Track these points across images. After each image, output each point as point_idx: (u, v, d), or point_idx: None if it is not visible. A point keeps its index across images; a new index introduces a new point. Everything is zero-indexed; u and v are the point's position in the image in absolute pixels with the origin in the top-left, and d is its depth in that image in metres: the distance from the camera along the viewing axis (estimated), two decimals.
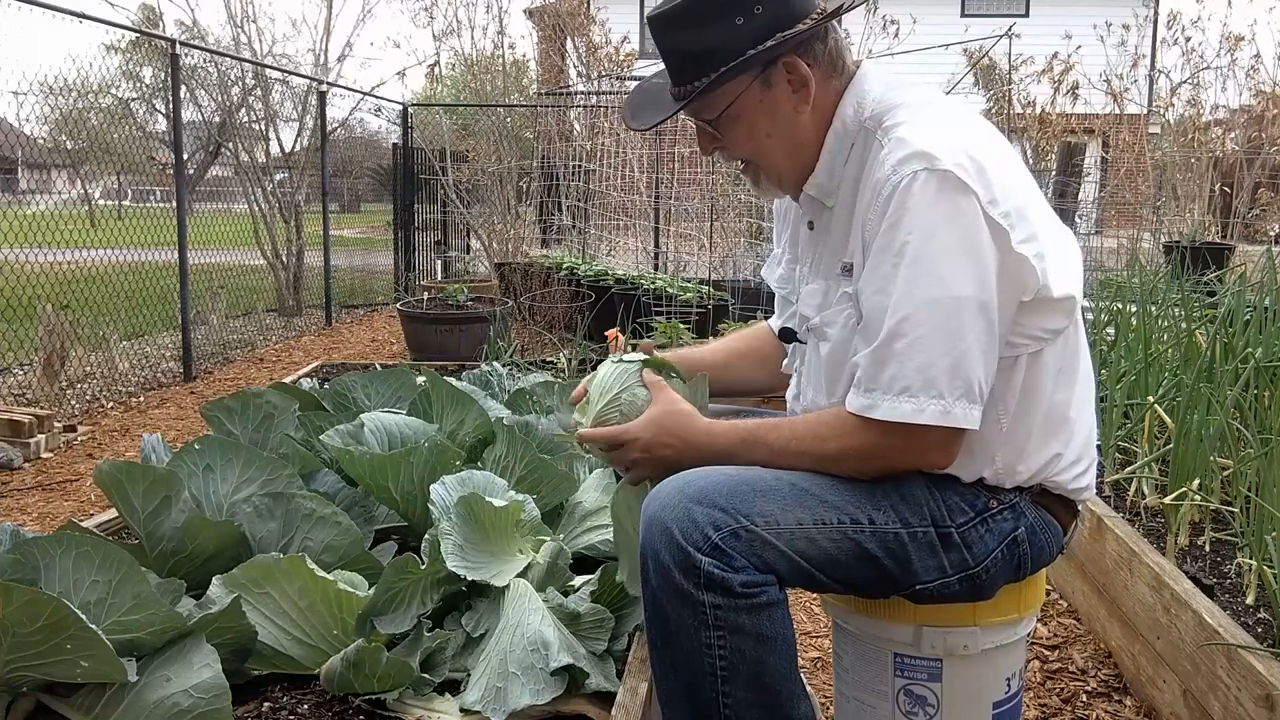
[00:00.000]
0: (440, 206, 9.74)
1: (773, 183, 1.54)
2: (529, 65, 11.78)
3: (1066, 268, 1.40)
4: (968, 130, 1.40)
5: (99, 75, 8.51)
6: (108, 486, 2.05)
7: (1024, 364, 1.40)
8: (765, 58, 1.41)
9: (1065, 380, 1.44)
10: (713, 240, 7.55)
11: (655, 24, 1.46)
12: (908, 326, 1.30)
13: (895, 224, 1.32)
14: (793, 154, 1.49)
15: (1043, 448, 1.43)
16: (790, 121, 1.46)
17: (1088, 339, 1.53)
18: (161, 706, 1.62)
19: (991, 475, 1.42)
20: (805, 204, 1.56)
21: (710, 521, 1.31)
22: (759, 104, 1.45)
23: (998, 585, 1.45)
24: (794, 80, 1.44)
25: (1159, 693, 2.11)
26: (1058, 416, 1.43)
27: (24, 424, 4.28)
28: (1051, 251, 1.37)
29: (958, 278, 1.29)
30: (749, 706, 1.35)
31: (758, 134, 1.48)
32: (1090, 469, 1.50)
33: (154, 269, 6.67)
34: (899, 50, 8.14)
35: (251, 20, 9.08)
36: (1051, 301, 1.37)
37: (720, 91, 1.44)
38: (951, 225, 1.30)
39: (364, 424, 2.53)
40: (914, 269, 1.30)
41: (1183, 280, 4.39)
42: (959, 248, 1.30)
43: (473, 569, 1.94)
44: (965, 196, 1.30)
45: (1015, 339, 1.38)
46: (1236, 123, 10.44)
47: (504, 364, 4.32)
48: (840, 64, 1.48)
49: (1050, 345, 1.41)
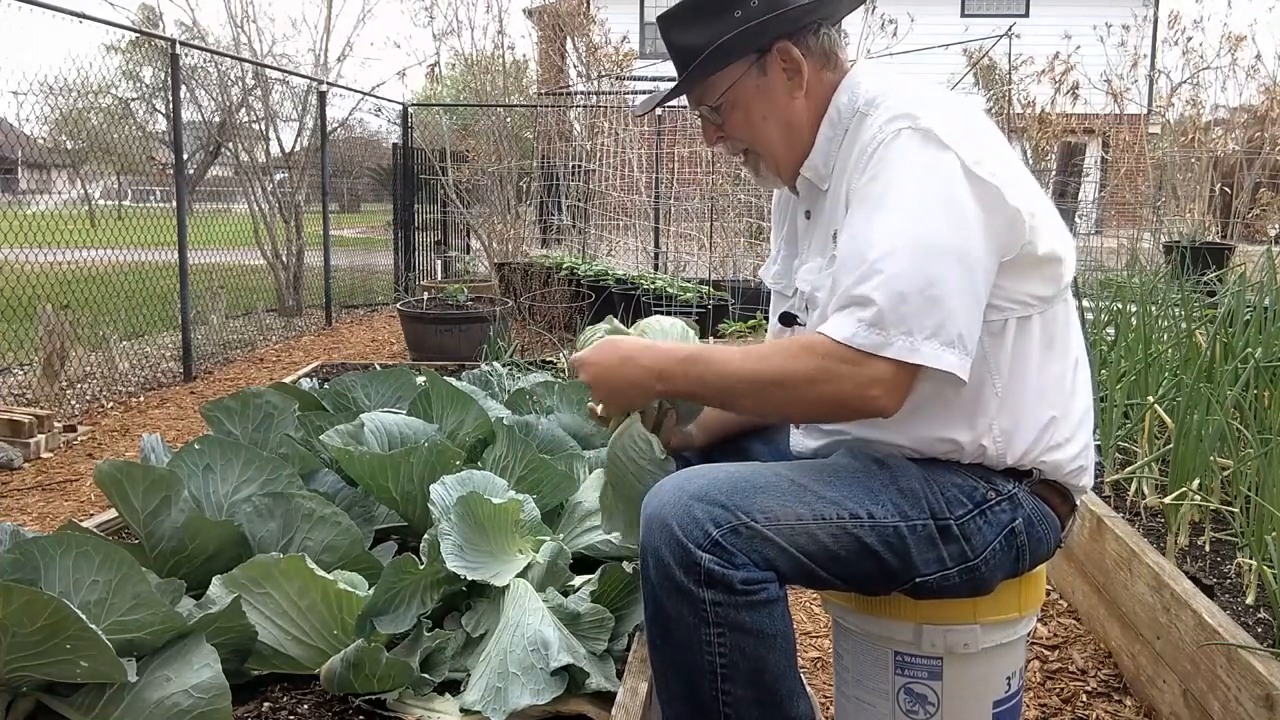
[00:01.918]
0: (440, 206, 9.74)
1: (771, 170, 1.59)
2: (529, 65, 11.79)
3: (1056, 230, 1.43)
4: (958, 107, 1.44)
5: (99, 75, 8.50)
6: (108, 486, 2.05)
7: (1012, 329, 1.42)
8: (757, 42, 1.48)
9: (1056, 355, 1.45)
10: (713, 240, 7.55)
11: (662, 23, 1.54)
12: (883, 264, 1.30)
13: (875, 176, 1.36)
14: (788, 139, 1.54)
15: (1036, 416, 1.44)
16: (786, 108, 1.52)
17: (1087, 339, 1.53)
18: (161, 706, 1.62)
19: (991, 445, 1.43)
20: (802, 189, 1.61)
21: (710, 518, 1.31)
22: (755, 89, 1.52)
23: (997, 578, 1.45)
24: (788, 67, 1.51)
25: (1159, 693, 2.11)
26: (1051, 388, 1.45)
27: (24, 424, 4.28)
28: (1043, 212, 1.40)
29: (936, 224, 1.31)
30: (748, 704, 1.35)
31: (754, 118, 1.54)
32: (1085, 454, 1.50)
33: (154, 269, 6.66)
34: (898, 50, 8.14)
35: (251, 20, 9.08)
36: (1037, 260, 1.39)
37: (718, 77, 1.52)
38: (931, 175, 1.33)
39: (364, 424, 2.53)
40: (892, 214, 1.32)
41: (1183, 280, 4.39)
42: (938, 197, 1.32)
43: (472, 569, 1.94)
44: (945, 152, 1.33)
45: (1002, 302, 1.40)
46: (1237, 123, 10.44)
47: (504, 364, 4.32)
48: (834, 59, 1.54)
49: (1039, 314, 1.43)
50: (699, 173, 8.07)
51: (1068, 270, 1.46)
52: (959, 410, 1.42)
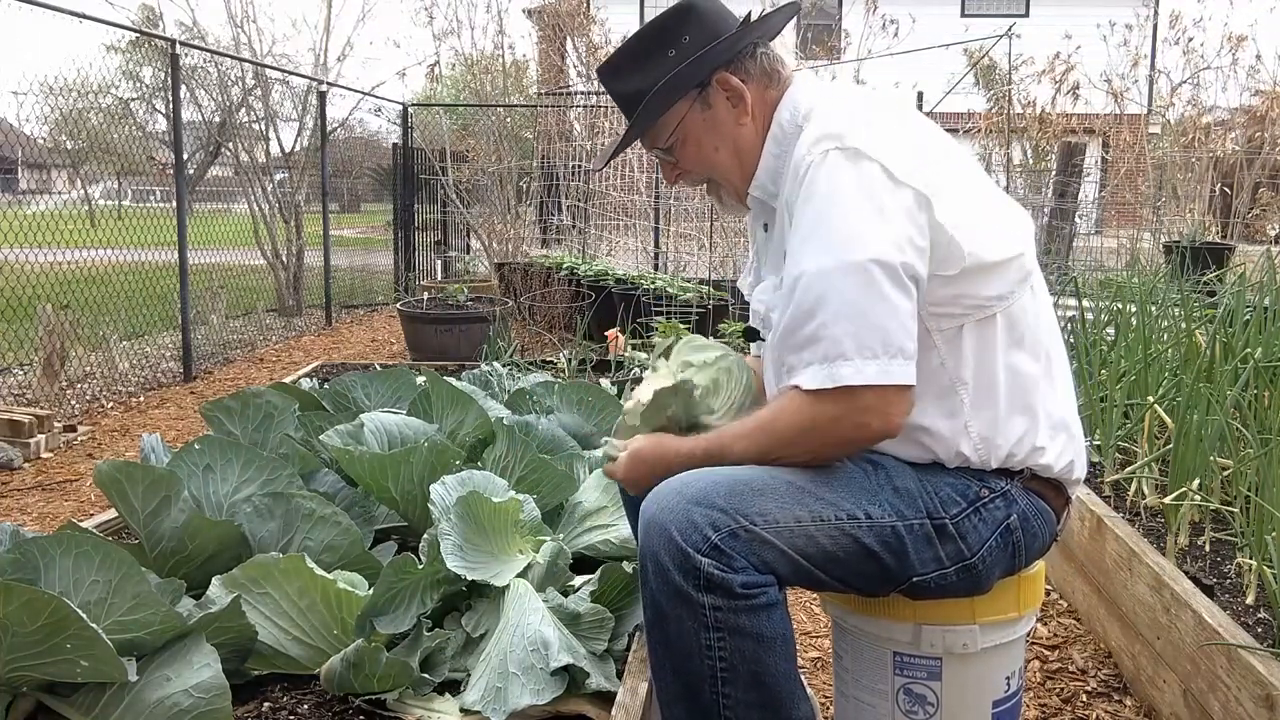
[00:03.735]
0: (440, 206, 9.74)
1: (731, 196, 1.63)
2: (529, 65, 11.78)
3: (1001, 233, 1.43)
4: (882, 113, 1.46)
5: (99, 75, 8.50)
6: (107, 486, 2.05)
7: (970, 332, 1.42)
8: (696, 78, 1.51)
9: (1026, 352, 1.45)
10: (713, 240, 7.55)
11: (602, 76, 1.60)
12: (815, 293, 1.33)
13: (807, 198, 1.39)
14: (741, 164, 1.57)
15: (1015, 419, 1.44)
16: (734, 134, 1.55)
17: (1085, 338, 1.53)
18: (161, 706, 1.62)
19: (972, 452, 1.43)
20: (754, 207, 1.63)
21: (709, 522, 1.32)
22: (702, 122, 1.56)
23: (994, 575, 1.46)
24: (731, 95, 1.54)
25: (1159, 693, 2.11)
26: (1025, 385, 1.44)
27: (24, 424, 4.28)
28: (978, 221, 1.40)
29: (866, 240, 1.32)
30: (749, 707, 1.35)
31: (706, 150, 1.57)
32: (1072, 448, 1.50)
33: (154, 269, 6.66)
34: (899, 50, 8.15)
35: (251, 20, 9.09)
36: (987, 268, 1.39)
37: (665, 119, 1.55)
38: (858, 192, 1.35)
39: (364, 424, 2.53)
40: (825, 238, 1.34)
41: (1182, 280, 4.39)
42: (866, 213, 1.33)
43: (472, 569, 1.94)
44: (871, 165, 1.35)
45: (952, 309, 1.40)
46: (1236, 123, 10.44)
47: (504, 364, 4.32)
48: (775, 76, 1.56)
49: (1000, 312, 1.42)
50: None
51: (1025, 262, 1.45)
52: (932, 407, 1.42)
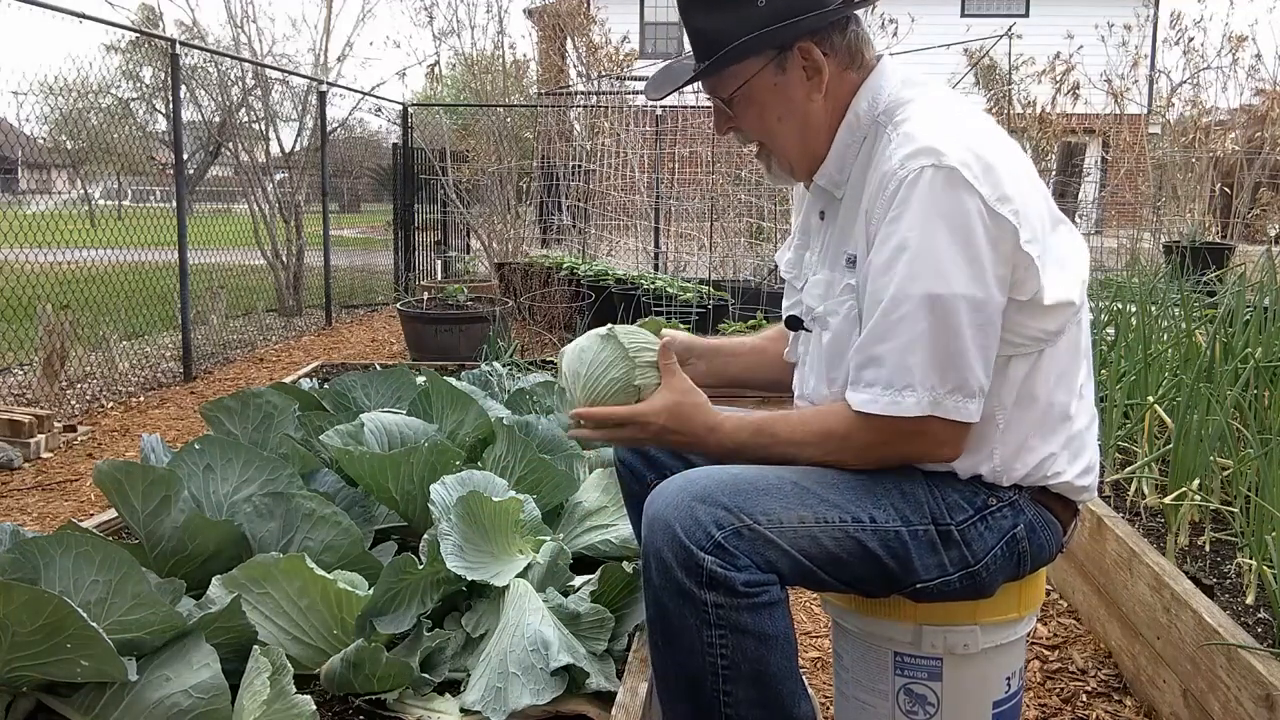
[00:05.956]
0: (440, 206, 9.74)
1: (784, 169, 1.55)
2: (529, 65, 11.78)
3: (1065, 272, 1.41)
4: (977, 129, 1.40)
5: (99, 75, 8.50)
6: (107, 486, 2.05)
7: (1022, 364, 1.41)
8: (779, 40, 1.42)
9: (1065, 381, 1.44)
10: (713, 240, 7.55)
11: (681, 3, 1.49)
12: (903, 321, 1.31)
13: (898, 218, 1.33)
14: (803, 141, 1.49)
15: (1041, 447, 1.43)
16: (802, 108, 1.47)
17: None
18: (161, 706, 1.62)
19: (989, 473, 1.42)
20: (815, 194, 1.58)
21: (713, 520, 1.31)
22: (772, 87, 1.46)
23: (998, 583, 1.45)
24: (808, 67, 1.45)
25: (1159, 693, 2.11)
26: (1056, 415, 1.44)
27: (24, 424, 4.28)
28: (1052, 257, 1.38)
29: (955, 274, 1.30)
30: (750, 705, 1.35)
31: (768, 117, 1.49)
32: (1090, 467, 1.49)
33: (154, 269, 6.66)
34: (898, 50, 8.14)
35: (251, 20, 9.09)
36: (1051, 306, 1.38)
37: (734, 70, 1.45)
38: (953, 222, 1.30)
39: (364, 424, 2.53)
40: (912, 264, 1.31)
41: (1182, 280, 4.39)
42: (959, 245, 1.30)
43: (472, 569, 1.94)
44: (969, 194, 1.30)
45: (1013, 338, 1.38)
46: (1237, 123, 10.44)
47: (504, 364, 4.32)
48: (859, 58, 1.48)
49: (1050, 346, 1.41)
50: (699, 173, 8.06)
51: (1079, 301, 1.43)
52: None
